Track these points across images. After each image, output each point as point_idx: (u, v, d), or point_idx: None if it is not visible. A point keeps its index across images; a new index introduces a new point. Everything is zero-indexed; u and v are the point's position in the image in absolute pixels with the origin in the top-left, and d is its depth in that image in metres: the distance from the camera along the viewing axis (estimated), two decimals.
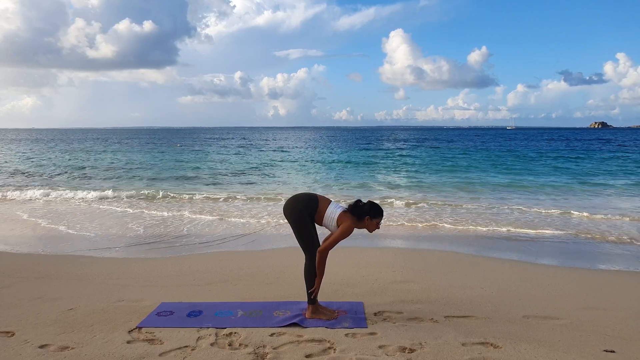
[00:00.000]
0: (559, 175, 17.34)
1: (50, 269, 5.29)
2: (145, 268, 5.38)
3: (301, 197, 3.64)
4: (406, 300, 4.10)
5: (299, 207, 3.55)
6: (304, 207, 3.55)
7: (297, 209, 3.55)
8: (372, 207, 3.60)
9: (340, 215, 3.53)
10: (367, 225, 3.59)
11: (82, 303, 3.99)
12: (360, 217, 3.55)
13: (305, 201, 3.58)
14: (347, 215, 3.54)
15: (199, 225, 8.38)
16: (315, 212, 3.56)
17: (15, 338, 3.23)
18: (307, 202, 3.57)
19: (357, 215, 3.55)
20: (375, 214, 3.60)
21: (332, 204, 3.61)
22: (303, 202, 3.58)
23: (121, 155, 30.41)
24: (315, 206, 3.56)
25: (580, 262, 6.03)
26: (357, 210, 3.57)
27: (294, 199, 3.65)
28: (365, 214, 3.56)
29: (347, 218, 3.52)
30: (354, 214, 3.56)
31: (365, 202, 3.65)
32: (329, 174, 18.97)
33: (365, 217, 3.56)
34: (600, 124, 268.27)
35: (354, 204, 3.62)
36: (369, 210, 3.57)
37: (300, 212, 3.54)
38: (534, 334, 3.34)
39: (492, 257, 6.14)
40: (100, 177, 17.84)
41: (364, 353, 2.97)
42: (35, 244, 6.89)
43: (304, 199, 3.61)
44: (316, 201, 3.58)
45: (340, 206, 3.62)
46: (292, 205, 3.60)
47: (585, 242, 7.16)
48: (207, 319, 3.57)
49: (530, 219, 8.88)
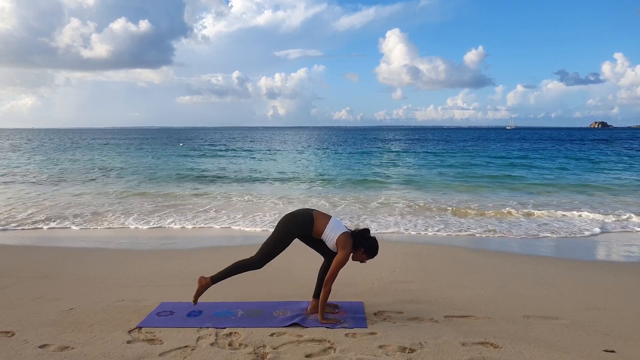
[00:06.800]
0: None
1: (50, 269, 5.29)
2: (145, 268, 5.38)
3: (296, 218, 3.57)
4: (406, 300, 4.10)
5: (289, 226, 3.54)
6: (297, 229, 3.53)
7: (287, 227, 3.54)
8: (372, 244, 3.56)
9: (340, 237, 3.47)
10: (357, 255, 3.56)
11: (82, 303, 4.00)
12: (356, 246, 3.51)
13: (299, 222, 3.53)
14: (348, 239, 3.48)
15: (199, 226, 8.38)
16: (311, 231, 3.55)
17: (15, 338, 3.23)
18: (301, 225, 3.53)
19: (357, 243, 3.51)
20: (370, 251, 3.56)
21: (333, 221, 3.55)
22: (297, 224, 3.53)
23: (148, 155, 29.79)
24: (310, 227, 3.53)
25: (580, 262, 6.04)
26: (359, 238, 3.52)
27: (289, 217, 3.60)
28: (362, 246, 3.52)
29: (347, 244, 3.46)
30: (355, 240, 3.51)
31: (371, 236, 3.61)
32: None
33: (360, 248, 3.52)
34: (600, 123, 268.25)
35: (360, 232, 3.56)
36: (366, 244, 3.53)
37: (289, 231, 3.53)
38: (534, 334, 3.34)
39: (492, 257, 6.14)
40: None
41: (364, 353, 2.97)
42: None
43: (298, 220, 3.55)
44: (311, 222, 3.53)
45: (342, 225, 3.57)
46: (284, 222, 3.57)
47: (585, 242, 7.16)
48: (207, 319, 3.57)
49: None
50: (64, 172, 19.16)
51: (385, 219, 8.83)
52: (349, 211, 9.79)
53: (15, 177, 17.11)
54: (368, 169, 20.81)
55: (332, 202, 11.06)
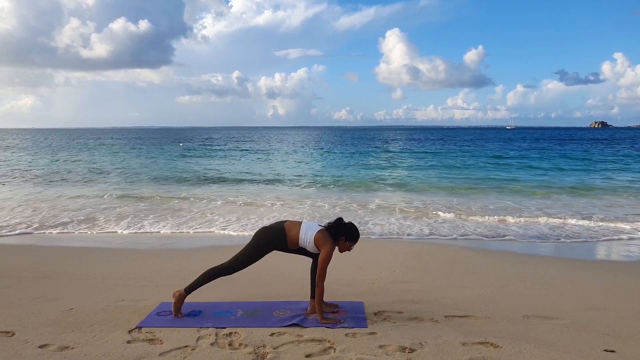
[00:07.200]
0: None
1: (50, 269, 5.29)
2: (145, 268, 5.38)
3: (267, 233, 3.60)
4: (406, 300, 4.10)
5: (261, 242, 3.57)
6: (270, 245, 3.56)
7: (260, 242, 3.57)
8: (349, 229, 3.55)
9: (316, 236, 3.49)
10: (340, 244, 3.56)
11: (82, 303, 4.00)
12: (336, 237, 3.51)
13: (271, 238, 3.56)
14: (324, 235, 3.49)
15: (200, 225, 8.37)
16: (285, 244, 3.56)
17: (15, 338, 3.23)
18: (273, 239, 3.55)
19: (334, 236, 3.51)
20: (351, 236, 3.55)
21: (304, 225, 3.56)
22: (269, 239, 3.56)
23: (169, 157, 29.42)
24: (284, 240, 3.54)
25: (580, 262, 6.04)
26: (334, 229, 3.52)
27: (262, 232, 3.63)
28: (342, 235, 3.52)
29: (326, 239, 3.47)
30: (331, 233, 3.51)
31: (346, 222, 3.60)
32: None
33: (341, 237, 3.52)
34: (600, 123, 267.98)
35: (334, 223, 3.57)
36: (346, 232, 3.53)
37: (262, 245, 3.56)
38: (534, 334, 3.35)
39: (492, 257, 6.14)
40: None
41: (364, 353, 2.97)
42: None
43: (270, 235, 3.58)
44: (283, 234, 3.54)
45: (314, 225, 3.58)
46: (258, 237, 3.60)
47: (585, 242, 7.16)
48: (206, 319, 3.57)
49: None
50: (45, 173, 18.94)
51: (385, 219, 8.83)
52: (348, 212, 9.79)
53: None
54: (366, 169, 20.79)
55: (330, 203, 11.03)
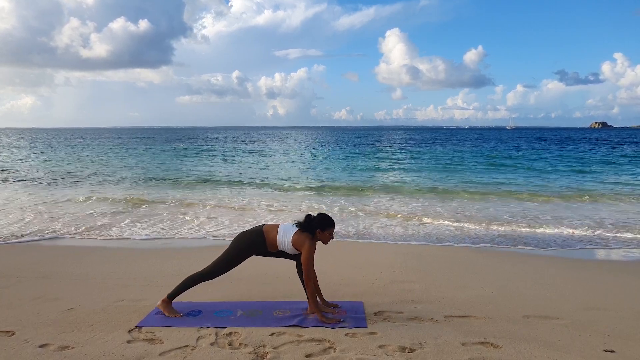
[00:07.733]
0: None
1: (50, 269, 5.29)
2: (145, 268, 5.38)
3: (246, 237, 3.61)
4: (406, 300, 4.10)
5: (240, 246, 3.58)
6: (249, 249, 3.57)
7: (239, 247, 3.58)
8: (320, 220, 3.55)
9: (293, 238, 3.50)
10: (321, 238, 3.56)
11: (82, 303, 4.00)
12: (312, 232, 3.52)
13: (250, 242, 3.57)
14: (300, 235, 3.50)
15: (199, 225, 8.37)
16: (265, 247, 3.57)
17: (16, 338, 3.23)
18: (252, 244, 3.56)
19: (308, 231, 3.51)
20: (325, 225, 3.55)
21: (281, 228, 3.57)
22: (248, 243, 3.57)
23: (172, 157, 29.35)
24: (262, 244, 3.55)
25: (580, 262, 6.04)
26: (306, 225, 3.53)
27: (242, 236, 3.64)
28: (315, 228, 3.52)
29: (303, 238, 3.48)
30: (304, 230, 3.52)
31: (315, 215, 3.61)
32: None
33: (316, 230, 3.52)
34: (600, 124, 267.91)
35: (303, 220, 3.57)
36: (318, 223, 3.53)
37: (241, 250, 3.57)
38: (534, 334, 3.35)
39: (492, 257, 6.14)
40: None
41: (364, 353, 2.97)
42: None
43: (248, 239, 3.59)
44: (262, 237, 3.55)
45: (290, 226, 3.58)
46: (237, 241, 3.62)
47: (585, 242, 7.16)
48: (206, 318, 3.57)
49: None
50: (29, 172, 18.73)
51: (385, 221, 8.83)
52: (346, 213, 9.78)
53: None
54: (366, 171, 20.75)
55: (328, 204, 11.02)
